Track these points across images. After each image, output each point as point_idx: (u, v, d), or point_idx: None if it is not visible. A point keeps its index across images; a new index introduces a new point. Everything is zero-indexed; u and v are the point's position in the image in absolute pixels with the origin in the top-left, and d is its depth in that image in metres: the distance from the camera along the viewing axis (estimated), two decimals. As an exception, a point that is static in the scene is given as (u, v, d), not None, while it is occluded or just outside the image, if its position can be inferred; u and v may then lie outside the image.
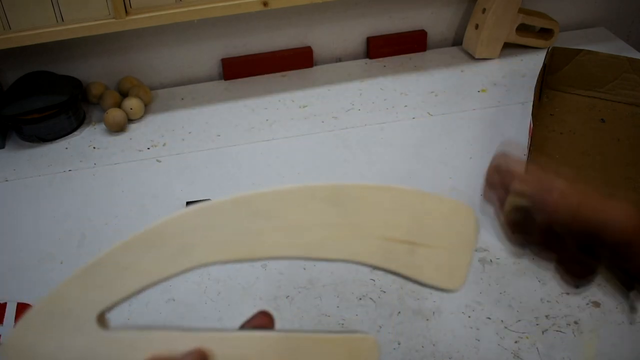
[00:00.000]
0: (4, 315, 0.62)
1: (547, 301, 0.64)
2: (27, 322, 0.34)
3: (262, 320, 0.35)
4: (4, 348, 0.34)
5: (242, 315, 0.66)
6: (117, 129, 0.92)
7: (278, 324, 0.36)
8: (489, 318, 0.62)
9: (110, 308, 0.34)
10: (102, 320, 0.34)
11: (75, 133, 0.93)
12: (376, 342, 0.33)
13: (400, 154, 0.86)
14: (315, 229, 0.34)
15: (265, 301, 0.64)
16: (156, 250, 0.34)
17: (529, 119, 0.84)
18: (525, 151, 0.82)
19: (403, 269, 0.34)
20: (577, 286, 0.41)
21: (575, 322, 0.62)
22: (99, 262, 0.34)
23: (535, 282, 0.66)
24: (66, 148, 0.90)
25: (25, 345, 0.34)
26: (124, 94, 0.98)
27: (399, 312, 0.63)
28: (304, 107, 0.97)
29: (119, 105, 0.94)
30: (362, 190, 0.35)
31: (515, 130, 0.89)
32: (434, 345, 0.60)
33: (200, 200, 0.77)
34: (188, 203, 0.77)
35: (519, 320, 0.62)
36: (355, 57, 1.11)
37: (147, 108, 0.97)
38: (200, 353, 0.33)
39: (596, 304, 0.64)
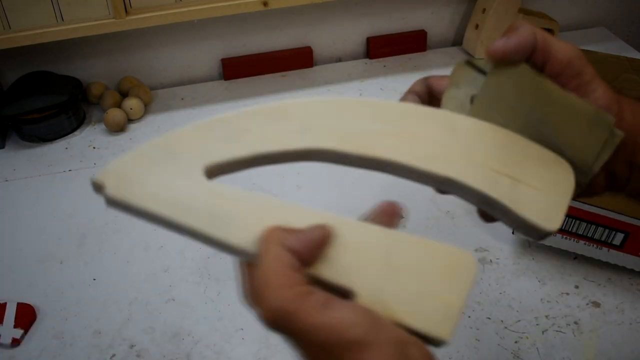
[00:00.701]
0: (3, 315, 0.62)
1: (547, 301, 0.64)
2: (134, 155, 0.34)
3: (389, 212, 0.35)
4: (105, 170, 0.33)
5: (242, 315, 0.66)
6: (117, 129, 0.92)
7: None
8: (489, 318, 0.62)
9: (220, 165, 0.34)
10: (210, 172, 0.34)
11: (75, 133, 0.93)
12: (474, 262, 0.33)
13: (400, 154, 0.86)
14: (429, 143, 0.36)
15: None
16: (278, 123, 0.35)
17: (529, 119, 0.84)
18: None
19: (505, 199, 0.35)
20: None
21: (575, 322, 0.62)
22: (222, 119, 0.35)
23: (535, 282, 0.66)
24: (66, 148, 0.90)
25: (127, 175, 0.33)
26: (124, 94, 0.98)
27: (399, 312, 0.63)
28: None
29: (119, 105, 0.94)
30: (476, 125, 0.37)
31: (515, 130, 0.89)
32: (433, 345, 0.60)
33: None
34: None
35: (519, 320, 0.62)
36: (355, 57, 1.11)
37: (147, 108, 0.97)
38: (327, 230, 0.32)
39: (596, 304, 0.64)
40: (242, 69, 1.05)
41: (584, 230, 0.65)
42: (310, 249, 0.31)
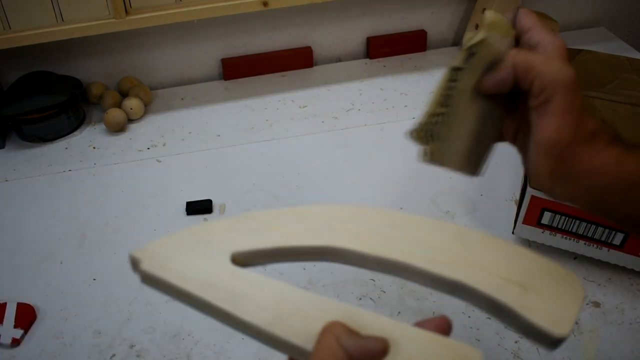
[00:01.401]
0: (3, 315, 0.62)
1: (547, 301, 0.64)
2: (169, 239, 0.38)
3: (439, 325, 0.35)
4: (142, 251, 0.37)
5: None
6: (117, 129, 0.92)
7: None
8: (489, 318, 0.62)
9: (245, 254, 0.37)
10: (236, 260, 0.37)
11: (75, 133, 0.93)
12: (481, 356, 0.35)
13: (400, 154, 0.86)
14: (441, 250, 0.38)
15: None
16: (302, 222, 0.39)
17: (529, 119, 0.84)
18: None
19: (515, 304, 0.36)
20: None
21: (576, 322, 0.62)
22: (251, 215, 0.39)
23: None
24: (66, 148, 0.90)
25: (161, 254, 0.37)
26: (124, 94, 0.98)
27: (399, 312, 0.63)
28: (304, 107, 0.97)
29: (119, 105, 0.94)
30: (485, 239, 0.39)
31: (515, 130, 0.89)
32: (434, 345, 0.60)
33: (200, 201, 0.77)
34: (188, 203, 0.77)
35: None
36: (355, 57, 1.11)
37: (147, 108, 0.97)
38: (386, 346, 0.33)
39: (596, 304, 0.64)
40: (242, 69, 1.05)
41: (584, 230, 0.65)
42: (366, 356, 0.32)
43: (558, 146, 0.39)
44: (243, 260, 0.38)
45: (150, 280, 0.37)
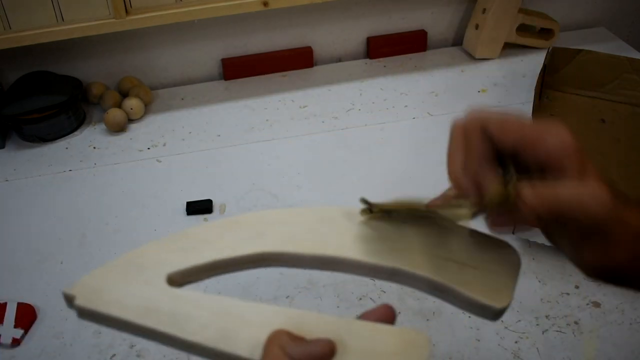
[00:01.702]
0: (4, 315, 0.62)
1: (547, 301, 0.64)
2: (102, 269, 0.37)
3: (383, 314, 0.35)
4: (75, 286, 0.37)
5: (242, 315, 0.65)
6: (117, 129, 0.92)
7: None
8: (489, 318, 0.62)
9: (181, 273, 0.37)
10: (172, 281, 0.37)
11: (75, 133, 0.93)
12: (429, 340, 0.34)
13: (400, 154, 0.86)
14: (375, 241, 0.38)
15: (266, 301, 0.64)
16: (234, 232, 0.38)
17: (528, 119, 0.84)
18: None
19: (453, 282, 0.37)
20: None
21: (575, 322, 0.62)
22: (181, 234, 0.38)
23: (535, 282, 0.66)
24: (66, 148, 0.90)
25: (95, 287, 0.36)
26: (124, 94, 0.98)
27: (399, 312, 0.63)
28: (304, 107, 0.97)
29: (119, 105, 0.94)
30: (419, 223, 0.40)
31: (515, 130, 0.89)
32: (434, 345, 0.60)
33: (200, 201, 0.77)
34: (188, 203, 0.77)
35: (519, 321, 0.62)
36: (355, 57, 1.11)
37: (147, 108, 0.97)
38: (332, 347, 0.33)
39: (596, 304, 0.64)
40: (242, 69, 1.05)
41: (584, 230, 0.65)
42: None
43: (605, 223, 0.34)
44: (180, 279, 0.37)
45: (88, 315, 0.36)
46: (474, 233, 0.39)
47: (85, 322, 0.63)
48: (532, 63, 1.05)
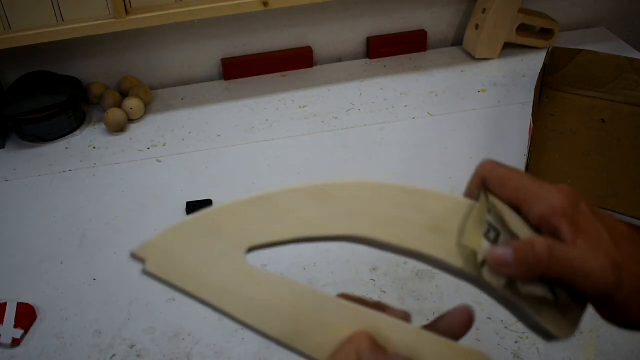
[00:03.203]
0: (4, 315, 0.62)
1: (547, 301, 0.64)
2: (176, 230, 0.33)
3: (460, 319, 0.35)
4: (144, 247, 0.33)
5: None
6: (117, 129, 0.92)
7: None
8: (489, 318, 0.62)
9: (262, 246, 0.34)
10: (250, 251, 0.34)
11: (75, 133, 0.93)
12: None
13: (400, 154, 0.86)
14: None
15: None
16: (321, 205, 0.34)
17: (529, 119, 0.84)
18: (526, 151, 0.82)
19: (529, 306, 0.35)
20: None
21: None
22: (265, 197, 0.34)
23: (536, 282, 0.66)
24: (66, 148, 0.90)
25: (168, 252, 0.33)
26: (124, 94, 0.98)
27: (399, 312, 0.63)
28: (304, 107, 0.97)
29: (119, 105, 0.94)
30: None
31: (515, 130, 0.89)
32: (434, 345, 0.60)
33: (200, 201, 0.77)
34: (188, 203, 0.77)
35: (519, 321, 0.62)
36: (355, 57, 1.11)
37: (147, 108, 0.97)
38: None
39: (596, 304, 0.64)
40: (242, 69, 1.05)
41: (584, 230, 0.64)
42: None
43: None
44: (258, 248, 0.35)
45: (156, 279, 0.33)
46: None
47: (85, 322, 0.63)
48: (532, 63, 1.05)
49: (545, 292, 0.34)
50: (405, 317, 0.34)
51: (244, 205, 0.33)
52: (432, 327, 0.35)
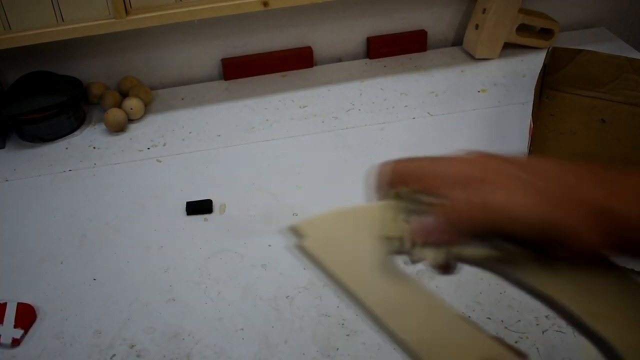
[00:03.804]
0: (4, 315, 0.62)
1: (547, 301, 0.64)
2: (339, 213, 0.34)
3: None
4: (309, 223, 0.34)
5: (242, 315, 0.66)
6: (117, 129, 0.92)
7: (278, 324, 0.35)
8: (489, 318, 0.62)
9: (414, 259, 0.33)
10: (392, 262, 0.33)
11: (75, 133, 0.93)
12: None
13: (400, 154, 0.85)
14: (599, 298, 0.33)
15: (266, 301, 0.64)
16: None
17: (529, 119, 0.84)
18: (526, 151, 0.82)
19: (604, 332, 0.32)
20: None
21: None
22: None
23: (536, 282, 0.66)
24: (66, 148, 0.90)
25: (328, 233, 0.33)
26: (124, 94, 0.98)
27: (399, 312, 0.63)
28: (304, 107, 0.97)
29: (119, 105, 0.94)
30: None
31: (515, 130, 0.89)
32: (434, 345, 0.60)
33: (200, 201, 0.77)
34: (188, 203, 0.77)
35: (519, 320, 0.62)
36: (355, 57, 1.11)
37: (147, 108, 0.97)
38: None
39: (596, 304, 0.64)
40: (242, 69, 1.05)
41: (584, 230, 0.64)
42: None
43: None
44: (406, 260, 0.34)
45: (308, 256, 0.33)
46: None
47: (85, 322, 0.63)
48: (532, 63, 1.05)
49: (488, 251, 0.33)
50: (523, 356, 0.33)
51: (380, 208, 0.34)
52: None
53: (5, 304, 0.63)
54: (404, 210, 0.34)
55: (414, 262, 0.33)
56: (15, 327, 0.61)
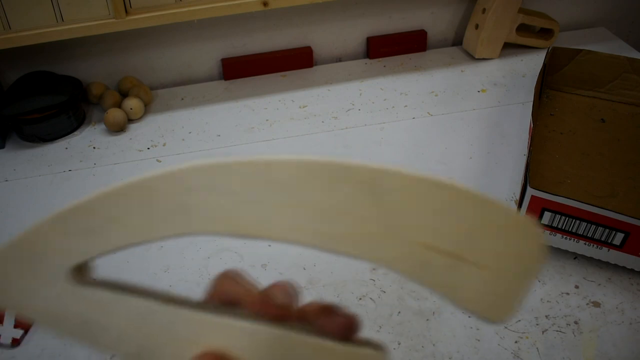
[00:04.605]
0: (4, 315, 0.62)
1: (547, 301, 0.64)
2: (5, 252, 0.30)
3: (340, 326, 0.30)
4: None
5: (242, 315, 0.65)
6: (117, 129, 0.92)
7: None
8: (489, 318, 0.62)
9: (87, 261, 0.30)
10: (78, 272, 0.30)
11: (75, 133, 0.93)
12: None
13: (400, 154, 0.86)
14: (340, 217, 0.26)
15: (265, 301, 0.64)
16: (149, 207, 0.28)
17: (529, 119, 0.84)
18: (526, 151, 0.82)
19: (439, 287, 0.28)
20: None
21: (575, 322, 0.62)
22: (83, 207, 0.29)
23: (536, 282, 0.66)
24: (66, 148, 0.90)
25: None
26: (124, 94, 0.98)
27: (399, 312, 0.63)
28: (304, 107, 0.97)
29: (119, 105, 0.94)
30: (409, 181, 0.26)
31: (515, 130, 0.89)
32: (434, 345, 0.60)
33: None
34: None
35: (519, 320, 0.62)
36: (355, 57, 1.11)
37: (147, 108, 0.97)
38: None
39: (596, 304, 0.64)
40: (242, 69, 1.05)
41: (584, 230, 0.65)
42: None
43: None
44: (86, 267, 0.32)
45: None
46: (488, 204, 0.26)
47: (85, 322, 0.63)
48: (532, 63, 1.06)
49: None
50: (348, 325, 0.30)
51: (62, 219, 0.30)
52: (313, 319, 0.30)
53: (5, 304, 0.63)
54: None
55: None
56: (15, 327, 0.61)
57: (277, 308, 0.29)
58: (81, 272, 0.31)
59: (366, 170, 0.26)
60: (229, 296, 0.30)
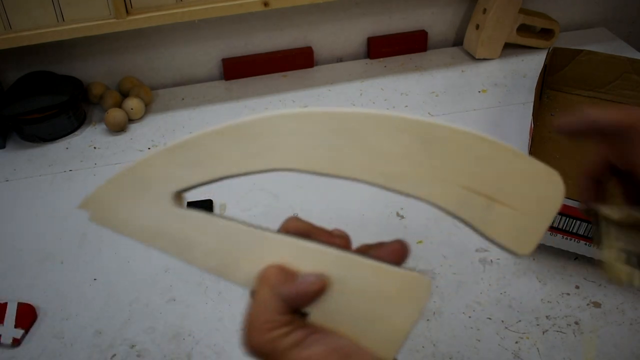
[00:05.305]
0: (4, 315, 0.62)
1: (548, 301, 0.64)
2: (110, 181, 0.36)
3: (395, 250, 0.35)
4: (86, 200, 0.37)
5: (242, 315, 0.66)
6: (118, 129, 0.92)
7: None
8: (490, 318, 0.62)
9: (188, 189, 0.36)
10: (178, 198, 0.36)
11: (75, 133, 0.93)
12: (430, 284, 0.34)
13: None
14: (398, 160, 0.33)
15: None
16: (244, 144, 0.35)
17: (529, 119, 0.84)
18: (526, 151, 0.82)
19: (475, 222, 0.34)
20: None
21: (576, 322, 0.62)
22: (189, 142, 0.35)
23: (536, 283, 0.66)
24: (66, 148, 0.90)
25: (106, 203, 0.36)
26: (125, 94, 0.98)
27: (399, 312, 0.63)
28: (304, 107, 0.97)
29: (119, 105, 0.94)
30: (455, 134, 0.33)
31: (515, 130, 0.89)
32: (434, 345, 0.60)
33: (200, 201, 0.77)
34: (188, 203, 0.77)
35: (520, 321, 0.62)
36: (355, 57, 1.11)
37: (148, 108, 0.97)
38: (324, 283, 0.33)
39: (596, 304, 0.64)
40: (242, 69, 1.05)
41: (585, 231, 0.65)
42: (303, 300, 0.33)
43: None
44: (186, 192, 0.37)
45: (104, 226, 0.37)
46: (521, 158, 0.33)
47: (85, 322, 0.63)
48: (533, 63, 1.06)
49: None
50: (400, 250, 0.35)
51: (169, 151, 0.35)
52: (367, 252, 0.36)
53: (5, 304, 0.63)
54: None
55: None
56: (15, 327, 0.61)
57: (341, 239, 0.35)
58: (180, 198, 0.36)
59: (421, 122, 0.32)
60: (299, 229, 0.36)
